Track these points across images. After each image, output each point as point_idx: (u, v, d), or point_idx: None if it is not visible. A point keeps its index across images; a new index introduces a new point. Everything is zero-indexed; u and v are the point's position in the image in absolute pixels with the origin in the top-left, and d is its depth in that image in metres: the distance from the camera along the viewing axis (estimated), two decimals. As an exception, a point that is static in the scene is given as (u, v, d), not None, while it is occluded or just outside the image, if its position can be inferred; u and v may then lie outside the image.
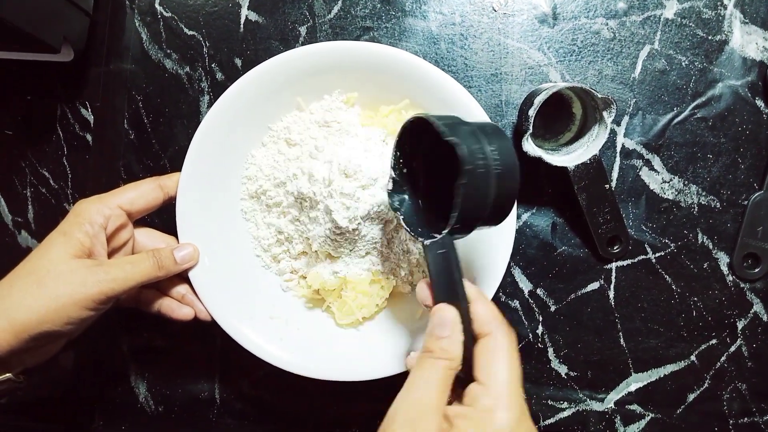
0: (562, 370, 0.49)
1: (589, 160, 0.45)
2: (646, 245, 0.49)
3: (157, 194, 0.43)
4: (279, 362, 0.43)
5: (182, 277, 0.44)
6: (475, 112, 0.43)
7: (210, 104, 0.43)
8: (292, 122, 0.46)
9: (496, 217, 0.34)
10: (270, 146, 0.46)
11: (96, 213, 0.39)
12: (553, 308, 0.49)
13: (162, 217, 0.49)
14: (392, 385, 0.44)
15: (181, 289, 0.44)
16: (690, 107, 0.48)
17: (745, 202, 0.48)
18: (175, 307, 0.43)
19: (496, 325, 0.33)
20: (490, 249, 0.43)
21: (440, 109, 0.44)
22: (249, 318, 0.44)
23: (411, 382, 0.32)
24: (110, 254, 0.42)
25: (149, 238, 0.44)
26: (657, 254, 0.49)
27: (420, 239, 0.35)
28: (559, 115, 0.48)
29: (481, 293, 0.35)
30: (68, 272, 0.36)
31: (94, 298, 0.37)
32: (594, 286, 0.49)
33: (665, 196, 0.48)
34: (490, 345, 0.32)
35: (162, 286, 0.44)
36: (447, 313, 0.33)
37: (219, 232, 0.45)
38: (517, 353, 0.33)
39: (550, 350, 0.49)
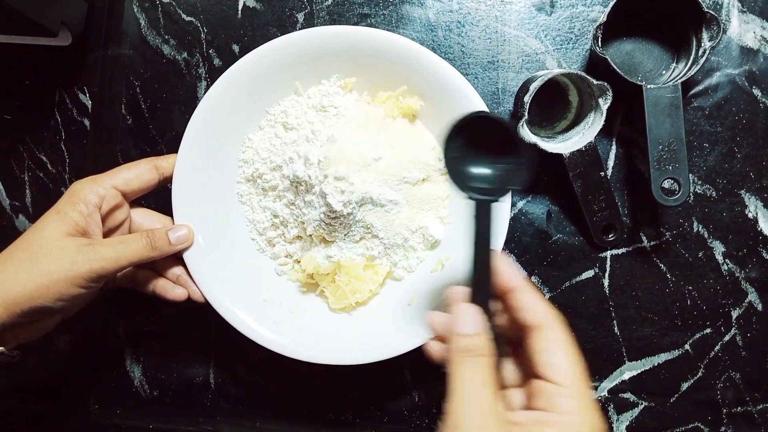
0: (556, 357, 0.49)
1: (585, 147, 0.45)
2: (641, 233, 0.49)
3: (152, 175, 0.43)
4: (271, 345, 0.43)
5: (178, 258, 0.44)
6: (472, 99, 0.43)
7: (207, 90, 0.44)
8: (289, 106, 0.46)
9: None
10: (267, 130, 0.46)
11: (90, 193, 0.40)
12: (547, 296, 0.49)
13: (158, 202, 0.49)
14: (384, 369, 0.44)
15: (176, 270, 0.44)
16: (687, 96, 0.48)
17: (741, 192, 0.48)
18: (169, 287, 0.43)
19: (550, 316, 0.30)
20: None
21: (437, 95, 0.44)
22: (242, 300, 0.44)
23: (459, 386, 0.29)
24: (106, 234, 0.42)
25: (146, 218, 0.44)
26: (652, 243, 0.48)
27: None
28: (556, 103, 0.48)
29: (527, 281, 0.32)
30: (60, 250, 0.37)
31: (84, 276, 0.37)
32: (589, 274, 0.49)
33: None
34: (550, 337, 0.30)
35: (157, 266, 0.44)
36: (470, 310, 0.31)
37: (215, 214, 0.45)
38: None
39: (545, 338, 0.49)
